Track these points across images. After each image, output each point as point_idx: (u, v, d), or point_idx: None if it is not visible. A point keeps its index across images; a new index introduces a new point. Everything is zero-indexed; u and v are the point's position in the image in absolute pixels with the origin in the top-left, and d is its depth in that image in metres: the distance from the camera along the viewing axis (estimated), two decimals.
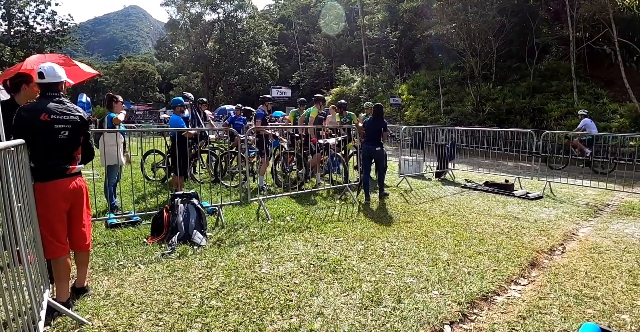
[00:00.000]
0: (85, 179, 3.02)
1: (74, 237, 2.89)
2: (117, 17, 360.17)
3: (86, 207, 2.98)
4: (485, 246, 4.35)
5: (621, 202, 6.94)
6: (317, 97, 8.21)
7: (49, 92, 2.82)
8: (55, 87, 2.85)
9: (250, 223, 5.10)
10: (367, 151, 6.73)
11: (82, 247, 2.96)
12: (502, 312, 2.93)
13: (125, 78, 58.32)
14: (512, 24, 20.42)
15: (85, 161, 3.07)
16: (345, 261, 3.84)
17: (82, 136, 2.92)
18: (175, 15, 44.41)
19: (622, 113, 16.06)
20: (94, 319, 2.70)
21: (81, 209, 2.92)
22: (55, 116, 2.71)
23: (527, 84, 20.49)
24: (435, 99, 24.72)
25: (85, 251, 3.01)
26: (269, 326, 2.65)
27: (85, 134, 2.95)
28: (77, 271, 3.06)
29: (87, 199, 3.02)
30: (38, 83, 2.83)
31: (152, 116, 44.35)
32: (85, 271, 3.09)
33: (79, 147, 2.92)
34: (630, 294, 3.23)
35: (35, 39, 31.76)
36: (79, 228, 2.90)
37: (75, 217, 2.88)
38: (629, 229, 5.23)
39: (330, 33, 42.33)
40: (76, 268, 3.06)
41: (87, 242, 2.99)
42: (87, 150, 3.06)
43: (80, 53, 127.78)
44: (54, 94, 2.82)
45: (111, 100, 5.82)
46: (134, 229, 4.73)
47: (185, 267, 3.61)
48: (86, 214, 2.98)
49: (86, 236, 2.97)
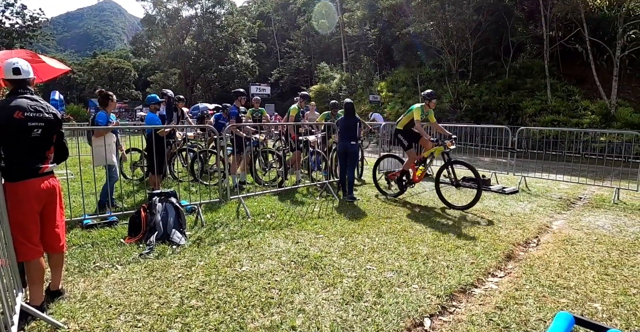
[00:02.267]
0: (59, 179, 2.93)
1: (47, 239, 2.79)
2: (90, 11, 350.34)
3: (59, 207, 2.89)
4: (463, 240, 4.43)
5: (592, 196, 7.18)
6: (302, 95, 8.18)
7: (22, 89, 2.71)
8: (27, 84, 2.76)
9: (230, 221, 5.06)
10: (342, 147, 6.61)
11: (56, 249, 2.87)
12: (480, 304, 2.99)
13: (100, 75, 56.85)
14: (489, 22, 20.81)
15: (58, 161, 2.97)
16: (326, 257, 3.85)
17: (55, 135, 2.83)
18: (152, 11, 43.42)
19: (593, 110, 16.60)
20: (70, 322, 2.63)
21: (54, 209, 2.83)
22: (29, 114, 2.61)
23: (503, 81, 20.96)
24: (414, 96, 24.98)
25: (59, 253, 2.92)
26: (250, 324, 2.64)
27: (58, 133, 2.85)
28: (52, 273, 2.96)
29: (61, 199, 2.93)
30: (10, 80, 2.72)
31: (128, 114, 43.40)
32: (60, 273, 2.99)
33: (51, 147, 2.82)
34: (602, 284, 3.34)
35: (4, 34, 30.52)
36: (52, 229, 2.81)
37: (48, 217, 2.79)
38: (600, 221, 5.41)
39: (320, 31, 42.16)
40: (50, 271, 2.96)
41: (62, 243, 2.90)
42: (61, 150, 2.95)
43: (53, 49, 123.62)
44: (25, 91, 2.72)
45: (106, 98, 5.42)
46: (111, 230, 4.62)
47: (164, 267, 3.56)
48: (60, 215, 2.89)
49: (60, 237, 2.87)
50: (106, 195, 5.22)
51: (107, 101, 5.44)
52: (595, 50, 17.10)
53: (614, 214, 5.82)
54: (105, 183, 5.34)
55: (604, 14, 16.32)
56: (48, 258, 2.90)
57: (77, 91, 61.72)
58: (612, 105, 16.00)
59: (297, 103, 8.06)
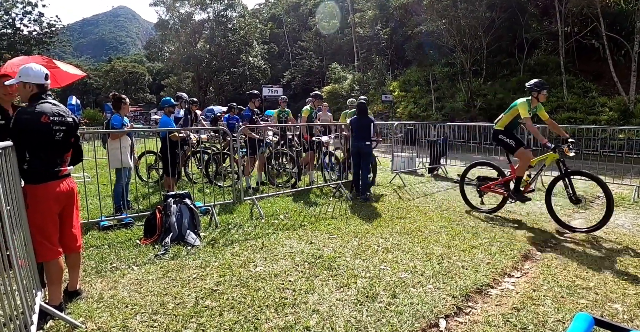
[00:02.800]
0: (76, 182, 3.00)
1: (65, 239, 2.86)
2: (105, 18, 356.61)
3: (76, 208, 2.98)
4: (479, 240, 4.38)
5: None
6: (313, 95, 8.08)
7: (44, 94, 2.81)
8: (47, 90, 2.85)
9: (243, 222, 5.09)
10: (355, 147, 6.60)
11: (73, 249, 2.94)
12: (496, 304, 2.95)
13: (115, 79, 57.76)
14: (502, 19, 20.53)
15: (74, 163, 3.06)
16: (340, 257, 3.84)
17: (73, 138, 2.92)
18: (165, 15, 44.02)
19: (611, 106, 16.23)
20: (87, 322, 2.68)
21: (72, 210, 2.91)
22: (54, 118, 2.71)
23: (518, 79, 20.61)
24: (427, 95, 24.81)
25: (76, 253, 3.00)
26: (265, 324, 2.64)
27: (75, 136, 2.95)
28: (69, 273, 3.03)
29: (77, 201, 3.01)
30: (38, 84, 2.76)
31: (143, 117, 44.03)
32: (78, 273, 3.06)
33: (70, 150, 2.92)
34: (622, 284, 3.26)
35: (23, 41, 31.38)
36: (70, 230, 2.89)
37: (66, 218, 2.87)
38: (620, 220, 5.29)
39: (324, 32, 42.22)
40: (68, 271, 3.03)
41: (78, 243, 2.98)
42: (77, 152, 3.05)
43: (69, 55, 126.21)
44: (47, 96, 2.82)
45: (119, 102, 5.51)
46: (127, 231, 4.69)
47: (179, 267, 3.59)
48: (76, 216, 2.98)
49: (77, 237, 2.96)
50: (119, 198, 5.31)
51: (119, 104, 5.54)
52: (612, 46, 16.72)
53: (634, 213, 5.68)
54: (116, 186, 5.40)
55: (620, 8, 15.92)
56: (65, 258, 2.96)
57: (93, 96, 62.81)
58: (631, 101, 15.61)
59: (309, 104, 8.02)
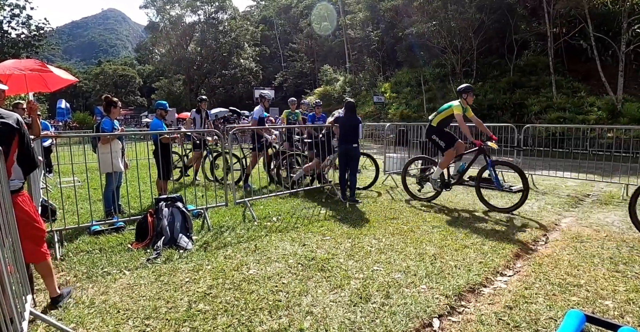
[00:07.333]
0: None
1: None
2: (95, 20, 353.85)
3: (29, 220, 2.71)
4: (471, 239, 4.40)
5: (601, 192, 7.10)
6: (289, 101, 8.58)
7: None
8: None
9: (236, 225, 5.06)
10: (343, 150, 6.45)
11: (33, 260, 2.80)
12: (489, 303, 2.96)
13: (105, 82, 57.38)
14: (491, 21, 20.76)
15: (25, 173, 2.76)
16: (333, 259, 3.84)
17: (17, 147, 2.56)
18: (155, 18, 43.92)
19: (600, 106, 16.47)
20: (78, 328, 2.64)
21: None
22: None
23: (507, 79, 20.86)
24: (418, 96, 24.98)
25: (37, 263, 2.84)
26: (259, 327, 2.63)
27: (20, 143, 2.58)
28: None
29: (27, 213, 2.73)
30: None
31: (133, 121, 43.71)
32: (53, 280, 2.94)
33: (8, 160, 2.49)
34: (612, 281, 3.30)
35: (11, 44, 30.90)
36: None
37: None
38: (609, 218, 5.35)
39: (320, 33, 42.29)
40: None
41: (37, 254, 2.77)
42: (25, 162, 2.67)
43: (58, 58, 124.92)
44: None
45: (109, 105, 5.35)
46: (118, 235, 4.64)
47: (172, 271, 3.57)
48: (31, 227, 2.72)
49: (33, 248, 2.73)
50: (109, 203, 5.26)
51: (110, 108, 5.39)
52: (600, 46, 16.99)
53: (624, 211, 5.74)
54: (106, 191, 5.34)
55: (608, 9, 16.17)
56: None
57: (83, 99, 62.28)
58: (619, 101, 15.87)
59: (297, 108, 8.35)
